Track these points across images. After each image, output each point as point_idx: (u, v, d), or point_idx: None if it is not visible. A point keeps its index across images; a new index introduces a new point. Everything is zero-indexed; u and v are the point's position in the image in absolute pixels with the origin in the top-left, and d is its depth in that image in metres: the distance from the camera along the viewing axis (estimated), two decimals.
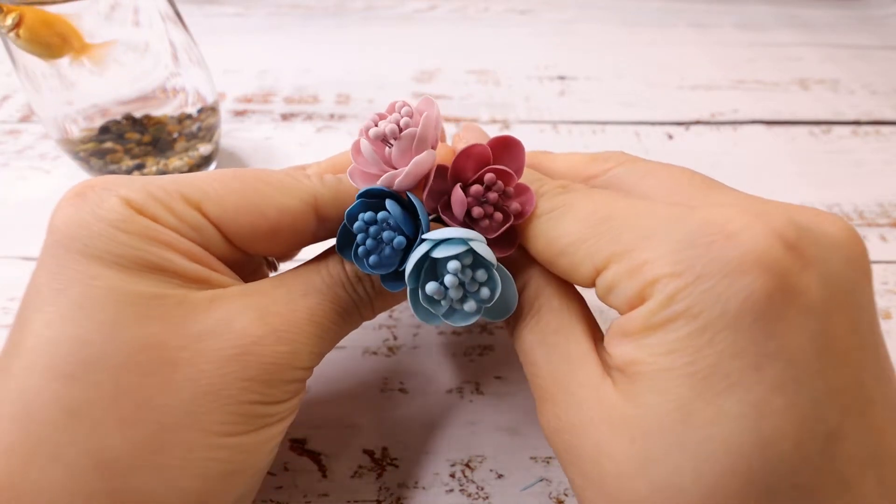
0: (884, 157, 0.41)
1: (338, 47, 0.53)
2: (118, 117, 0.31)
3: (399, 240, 0.16)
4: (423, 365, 0.26)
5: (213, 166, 0.37)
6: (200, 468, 0.15)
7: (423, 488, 0.22)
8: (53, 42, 0.27)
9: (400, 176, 0.16)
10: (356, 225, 0.17)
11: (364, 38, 0.55)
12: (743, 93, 0.48)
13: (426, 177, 0.17)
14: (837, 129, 0.43)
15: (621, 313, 0.15)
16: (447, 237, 0.16)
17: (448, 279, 0.15)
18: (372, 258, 0.16)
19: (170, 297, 0.15)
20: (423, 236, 0.16)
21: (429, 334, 0.27)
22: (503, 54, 0.53)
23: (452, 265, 0.15)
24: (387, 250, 0.16)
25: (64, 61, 0.28)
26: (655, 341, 0.13)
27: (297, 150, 0.40)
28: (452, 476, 0.22)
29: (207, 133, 0.35)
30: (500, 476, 0.22)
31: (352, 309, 0.18)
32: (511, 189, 0.17)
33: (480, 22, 0.60)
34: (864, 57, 0.54)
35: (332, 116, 0.43)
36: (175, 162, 0.33)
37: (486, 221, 0.17)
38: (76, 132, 0.31)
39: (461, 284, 0.16)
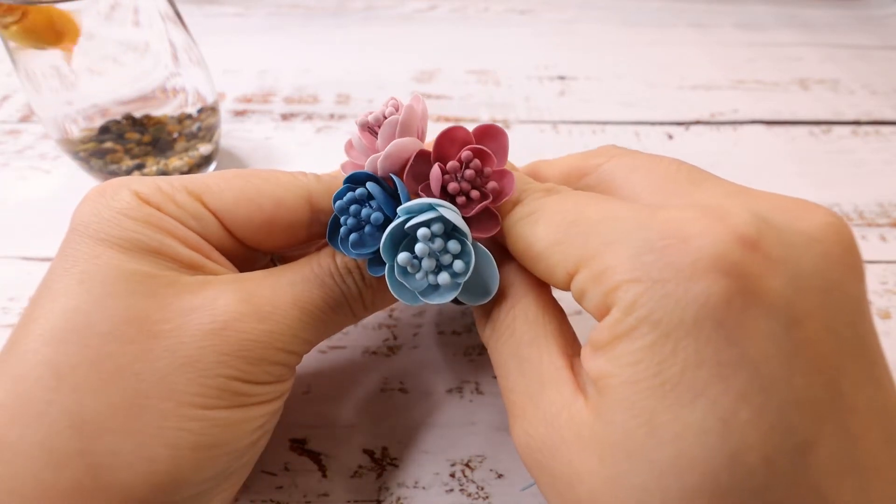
0: (884, 157, 0.41)
1: (338, 47, 0.53)
2: (118, 117, 0.31)
3: (376, 215, 0.17)
4: (423, 365, 0.26)
5: (212, 166, 0.37)
6: (172, 437, 0.15)
7: (423, 488, 0.22)
8: (44, 37, 0.27)
9: (380, 157, 0.17)
10: (337, 204, 0.17)
11: (364, 38, 0.55)
12: (743, 93, 0.48)
13: (408, 160, 0.18)
14: (837, 129, 0.43)
15: (596, 319, 0.15)
16: (418, 208, 0.16)
17: (418, 247, 0.15)
18: (353, 236, 0.17)
19: (162, 276, 0.17)
20: (398, 210, 0.16)
21: (429, 334, 0.27)
22: (503, 54, 0.53)
23: (421, 231, 0.15)
24: (367, 229, 0.17)
25: (49, 56, 0.28)
26: (622, 352, 0.13)
27: (297, 150, 0.40)
28: (452, 476, 0.22)
29: (207, 133, 0.35)
30: (500, 476, 0.22)
31: (341, 300, 0.18)
32: (490, 169, 0.17)
33: (480, 22, 0.60)
34: (864, 57, 0.54)
35: (332, 116, 0.44)
36: (175, 162, 0.33)
37: (463, 198, 0.17)
38: (76, 132, 0.31)
39: (433, 255, 0.16)
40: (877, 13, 0.63)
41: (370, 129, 0.18)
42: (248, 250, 0.20)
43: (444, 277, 0.16)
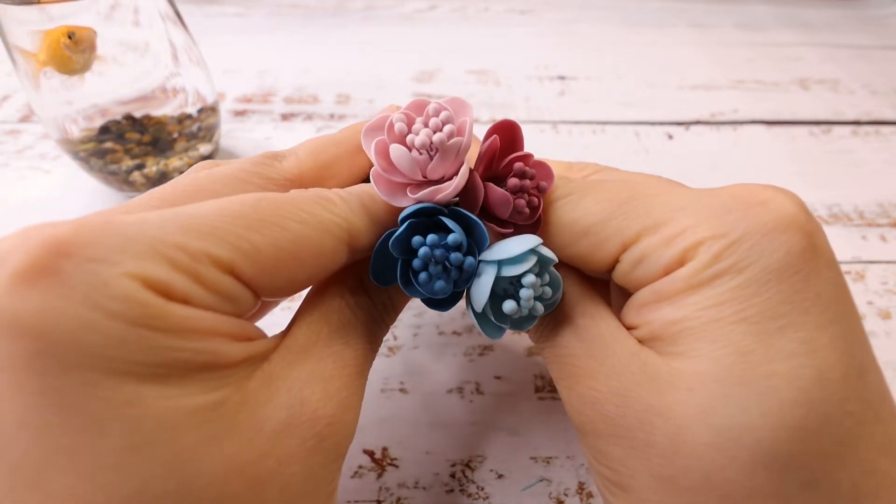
0: (884, 157, 0.41)
1: (338, 47, 0.53)
2: (118, 117, 0.31)
3: (469, 261, 0.15)
4: (423, 365, 0.26)
5: None
6: None
7: (423, 488, 0.22)
8: (89, 58, 0.27)
9: (447, 190, 0.15)
10: (422, 251, 0.15)
11: (364, 38, 0.55)
12: (743, 93, 0.48)
13: (475, 192, 0.16)
14: (837, 129, 0.43)
15: (644, 284, 0.16)
16: (519, 256, 0.15)
17: (524, 293, 0.15)
18: (438, 284, 0.15)
19: (229, 401, 0.12)
20: (480, 257, 0.15)
21: (429, 334, 0.27)
22: (503, 54, 0.53)
23: (528, 279, 0.15)
24: (454, 273, 0.15)
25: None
26: (700, 298, 0.14)
27: None
28: (452, 476, 0.22)
29: (207, 133, 0.35)
30: (500, 476, 0.22)
31: (379, 339, 0.17)
32: (533, 171, 0.17)
33: (480, 22, 0.60)
34: (864, 57, 0.54)
35: (332, 116, 0.43)
36: (175, 162, 0.33)
37: (527, 210, 0.17)
38: (76, 132, 0.31)
39: (534, 294, 0.15)
40: (877, 13, 0.63)
41: (423, 148, 0.15)
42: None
43: (539, 308, 0.16)
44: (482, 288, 0.15)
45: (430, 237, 0.15)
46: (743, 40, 0.56)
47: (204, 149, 0.35)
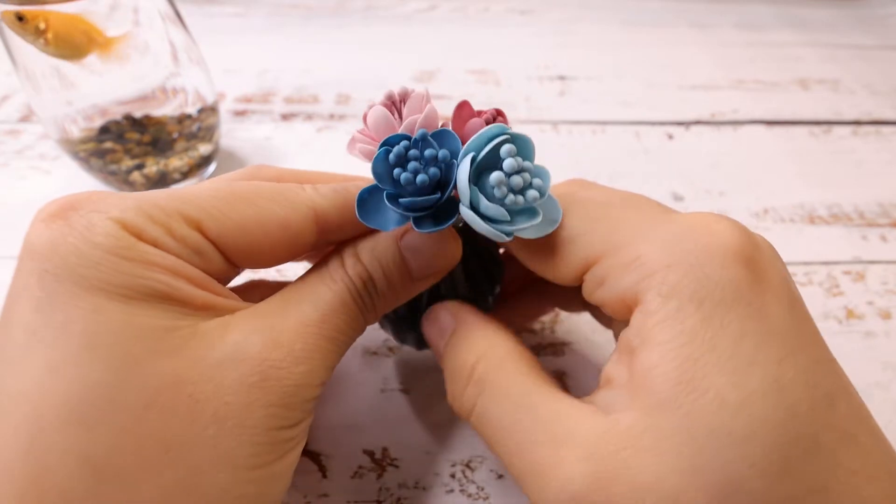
0: (884, 157, 0.41)
1: (338, 47, 0.53)
2: (118, 117, 0.31)
3: (443, 153, 0.15)
4: (423, 365, 0.26)
5: (212, 166, 0.37)
6: None
7: (423, 488, 0.22)
8: (81, 42, 0.27)
9: (420, 118, 0.16)
10: (397, 149, 0.15)
11: (364, 38, 0.55)
12: (743, 93, 0.48)
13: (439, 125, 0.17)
14: (837, 129, 0.43)
15: (608, 307, 0.16)
16: (490, 133, 0.16)
17: (507, 163, 0.15)
18: (420, 178, 0.15)
19: (182, 328, 0.14)
20: (466, 145, 0.16)
21: None
22: (503, 54, 0.53)
23: (507, 148, 0.15)
24: (432, 171, 0.15)
25: (58, 60, 0.28)
26: (667, 337, 0.14)
27: (297, 150, 0.40)
28: (452, 476, 0.22)
29: (207, 133, 0.35)
30: (500, 476, 0.22)
31: (357, 316, 0.17)
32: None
33: (480, 22, 0.60)
34: (864, 57, 0.54)
35: (332, 116, 0.43)
36: (175, 162, 0.33)
37: None
38: (76, 132, 0.31)
39: (519, 172, 0.15)
40: (877, 13, 0.63)
41: (394, 104, 0.17)
42: (235, 269, 0.18)
43: (532, 193, 0.15)
44: (462, 174, 0.15)
45: (403, 142, 0.16)
46: (743, 40, 0.56)
47: (204, 149, 0.35)
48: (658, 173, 0.38)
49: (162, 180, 0.34)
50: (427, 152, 0.15)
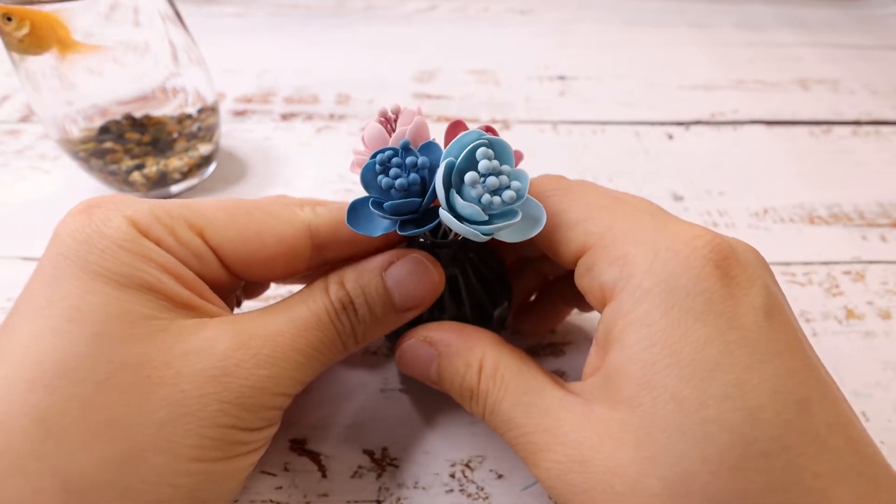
0: (884, 157, 0.41)
1: (338, 47, 0.53)
2: (118, 117, 0.31)
3: (423, 160, 0.17)
4: None
5: (212, 166, 0.37)
6: (164, 494, 0.14)
7: (423, 488, 0.22)
8: (48, 39, 0.27)
9: (409, 129, 0.17)
10: (380, 157, 0.17)
11: (364, 38, 0.55)
12: (743, 93, 0.48)
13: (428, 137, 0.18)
14: (837, 129, 0.43)
15: (589, 295, 0.17)
16: (468, 138, 0.16)
17: (482, 164, 0.16)
18: (399, 182, 0.16)
19: (160, 319, 0.16)
20: (446, 150, 0.17)
21: None
22: (503, 54, 0.53)
23: (481, 151, 0.16)
24: (411, 175, 0.16)
25: (47, 58, 0.28)
26: (634, 339, 0.15)
27: (297, 150, 0.40)
28: (452, 476, 0.22)
29: (207, 133, 0.35)
30: (500, 476, 0.22)
31: (335, 338, 0.18)
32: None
33: (480, 22, 0.60)
34: (864, 57, 0.54)
35: (332, 116, 0.43)
36: (175, 162, 0.33)
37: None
38: (76, 132, 0.31)
39: (494, 172, 0.16)
40: (877, 13, 0.63)
41: (388, 121, 0.18)
42: (237, 280, 0.19)
43: (508, 194, 0.16)
44: (438, 176, 0.16)
45: (388, 150, 0.17)
46: (743, 40, 0.56)
47: (204, 149, 0.35)
48: (658, 173, 0.38)
49: (162, 180, 0.34)
50: (408, 159, 0.17)
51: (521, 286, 0.25)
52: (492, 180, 0.16)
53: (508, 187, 0.16)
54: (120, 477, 0.14)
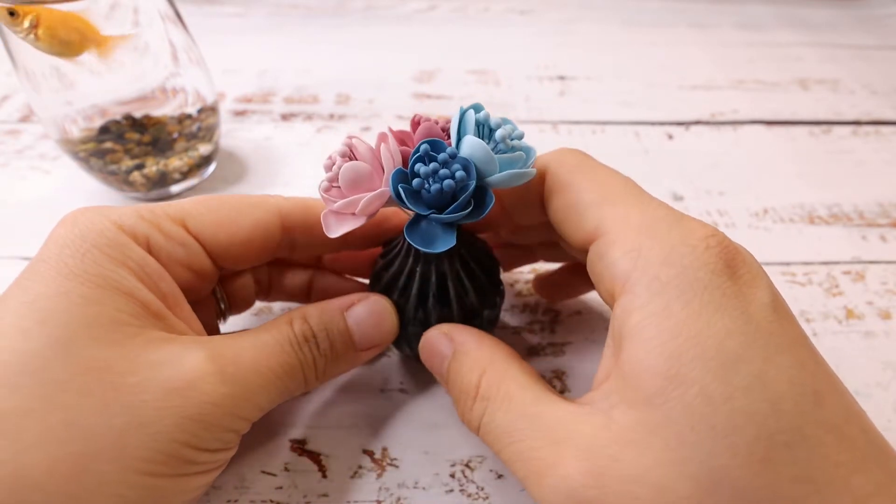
0: (884, 157, 0.41)
1: (338, 47, 0.53)
2: (118, 117, 0.31)
3: (461, 174, 0.17)
4: (423, 365, 0.26)
5: (212, 166, 0.37)
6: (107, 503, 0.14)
7: (423, 488, 0.22)
8: (73, 39, 0.27)
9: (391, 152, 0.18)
10: (419, 154, 0.17)
11: (364, 38, 0.55)
12: (743, 93, 0.48)
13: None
14: (837, 129, 0.43)
15: (599, 285, 0.17)
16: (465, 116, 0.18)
17: (499, 132, 0.17)
18: (447, 182, 0.17)
19: (130, 325, 0.16)
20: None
21: None
22: (503, 54, 0.53)
23: (483, 114, 0.18)
24: (442, 171, 0.17)
25: (66, 58, 0.28)
26: (654, 332, 0.15)
27: (297, 150, 0.40)
28: (452, 476, 0.22)
29: (207, 133, 0.35)
30: (500, 476, 0.22)
31: (296, 368, 0.19)
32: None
33: (480, 22, 0.60)
34: (864, 57, 0.54)
35: (332, 116, 0.43)
36: (175, 162, 0.33)
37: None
38: (76, 132, 0.31)
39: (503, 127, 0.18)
40: (877, 13, 0.63)
41: (352, 152, 0.19)
42: (217, 271, 0.20)
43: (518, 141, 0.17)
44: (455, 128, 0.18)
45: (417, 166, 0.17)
46: (743, 40, 0.56)
47: (204, 149, 0.35)
48: (658, 173, 0.38)
49: (162, 180, 0.34)
50: (440, 156, 0.17)
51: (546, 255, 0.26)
52: (502, 133, 0.17)
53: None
54: (67, 481, 0.14)
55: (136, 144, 0.32)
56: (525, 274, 0.30)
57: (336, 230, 0.18)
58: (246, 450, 0.22)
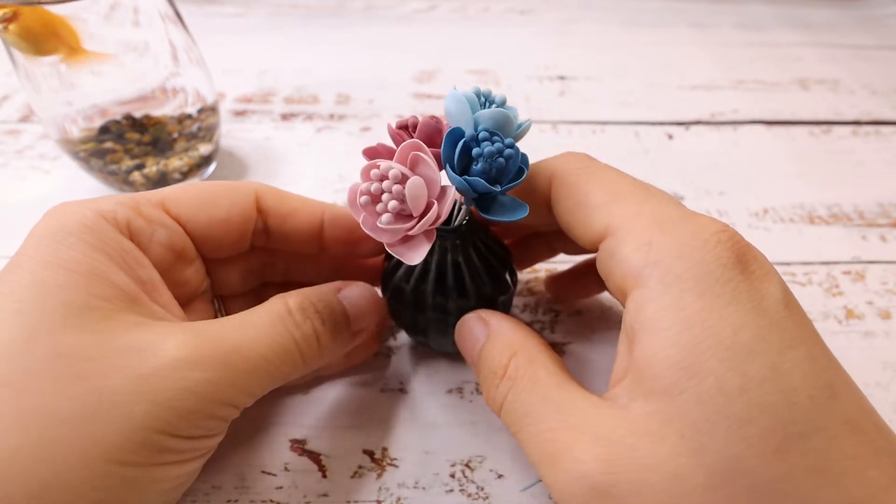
0: (884, 157, 0.41)
1: (338, 47, 0.53)
2: (118, 117, 0.31)
3: (510, 142, 0.17)
4: (424, 365, 0.26)
5: (212, 166, 0.37)
6: (81, 494, 0.14)
7: (423, 488, 0.22)
8: (43, 40, 0.26)
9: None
10: (478, 139, 0.17)
11: (364, 38, 0.55)
12: (743, 93, 0.48)
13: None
14: (837, 129, 0.43)
15: (611, 281, 0.17)
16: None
17: (498, 97, 0.18)
18: (499, 160, 0.17)
19: (100, 310, 0.16)
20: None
21: None
22: (503, 54, 0.53)
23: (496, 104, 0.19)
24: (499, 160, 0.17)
25: (50, 59, 0.28)
26: (667, 323, 0.15)
27: (297, 149, 0.40)
28: (452, 476, 0.22)
29: (207, 133, 0.35)
30: (500, 476, 0.22)
31: (290, 348, 0.18)
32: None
33: (480, 22, 0.60)
34: (864, 57, 0.54)
35: (332, 116, 0.43)
36: (175, 162, 0.33)
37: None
38: (76, 132, 0.31)
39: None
40: (877, 13, 0.63)
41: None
42: (199, 257, 0.21)
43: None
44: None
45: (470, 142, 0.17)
46: (743, 40, 0.56)
47: (204, 149, 0.35)
48: (658, 173, 0.38)
49: (162, 180, 0.34)
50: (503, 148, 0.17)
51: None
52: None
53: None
54: (36, 468, 0.14)
55: (136, 144, 0.32)
56: (525, 274, 0.30)
57: (418, 254, 0.17)
58: (246, 450, 0.22)
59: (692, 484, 0.13)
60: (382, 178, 0.16)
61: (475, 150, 0.17)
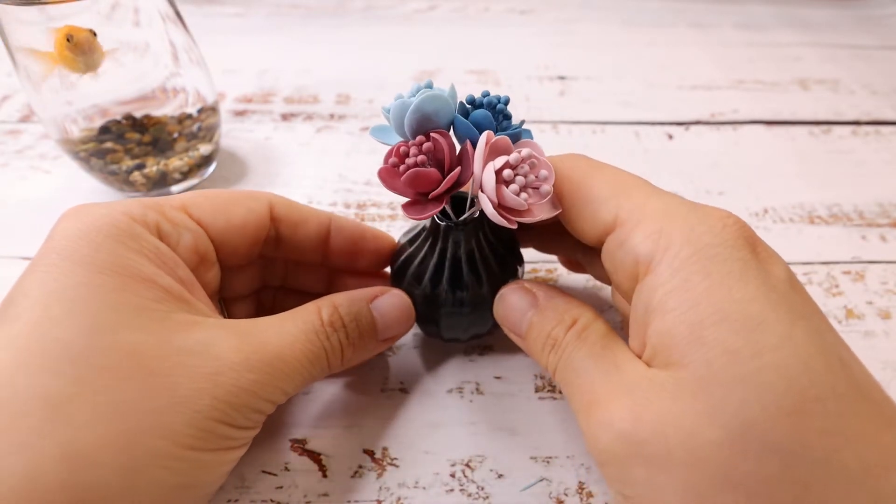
0: (884, 157, 0.41)
1: (338, 47, 0.53)
2: (118, 117, 0.32)
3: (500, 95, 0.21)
4: (423, 365, 0.26)
5: (212, 166, 0.37)
6: (158, 475, 0.16)
7: (423, 488, 0.22)
8: (90, 56, 0.28)
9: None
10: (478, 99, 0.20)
11: (364, 38, 0.55)
12: (743, 93, 0.48)
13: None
14: (837, 129, 0.43)
15: (620, 271, 0.18)
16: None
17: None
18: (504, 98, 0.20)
19: (155, 311, 0.17)
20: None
21: None
22: (503, 54, 0.53)
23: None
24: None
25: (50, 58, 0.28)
26: (677, 302, 0.15)
27: (297, 149, 0.40)
28: (452, 476, 0.22)
29: (207, 133, 0.35)
30: (500, 476, 0.22)
31: (321, 355, 0.20)
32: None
33: (480, 22, 0.60)
34: (864, 57, 0.54)
35: (332, 116, 0.44)
36: (175, 162, 0.33)
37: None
38: (76, 132, 0.31)
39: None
40: (877, 13, 0.63)
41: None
42: (217, 263, 0.21)
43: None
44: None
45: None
46: (743, 40, 0.56)
47: (204, 149, 0.35)
48: (658, 173, 0.38)
49: (162, 180, 0.34)
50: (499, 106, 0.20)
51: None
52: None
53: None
54: (119, 456, 0.15)
55: (136, 144, 0.32)
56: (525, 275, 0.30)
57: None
58: (246, 449, 0.22)
59: (706, 439, 0.14)
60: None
61: (477, 100, 0.19)
